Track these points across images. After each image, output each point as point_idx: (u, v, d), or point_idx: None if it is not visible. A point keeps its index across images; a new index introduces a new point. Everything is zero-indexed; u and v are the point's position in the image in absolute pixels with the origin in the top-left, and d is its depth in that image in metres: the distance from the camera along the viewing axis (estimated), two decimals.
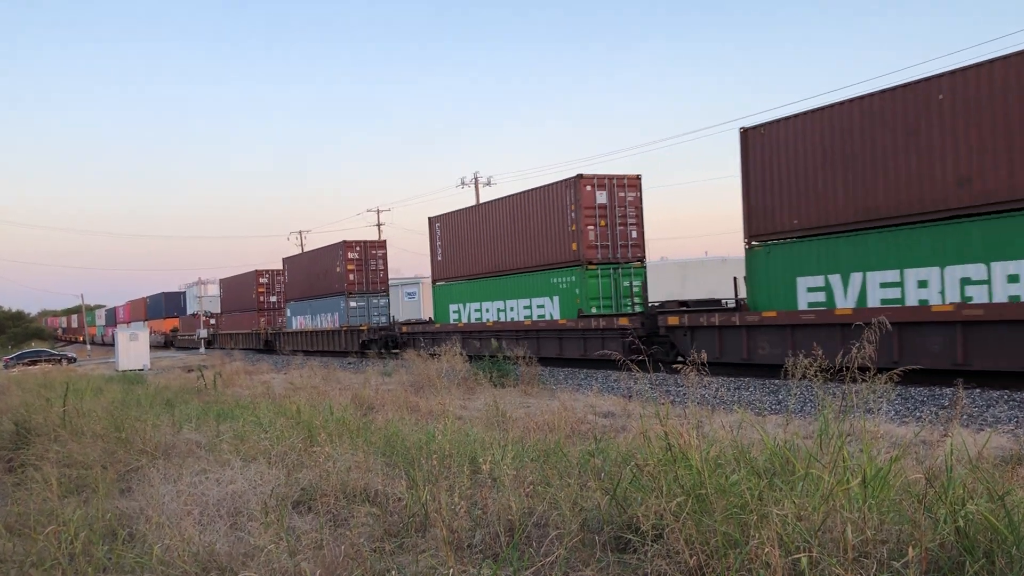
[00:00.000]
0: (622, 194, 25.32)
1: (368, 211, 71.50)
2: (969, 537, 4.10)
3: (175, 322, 75.24)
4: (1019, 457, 7.80)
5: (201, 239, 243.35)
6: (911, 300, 15.45)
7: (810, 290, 17.33)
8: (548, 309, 26.44)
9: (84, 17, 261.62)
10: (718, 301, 22.77)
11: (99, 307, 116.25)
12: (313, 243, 74.77)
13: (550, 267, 26.15)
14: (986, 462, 5.94)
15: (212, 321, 63.49)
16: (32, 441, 11.14)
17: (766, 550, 4.00)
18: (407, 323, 36.98)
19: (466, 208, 31.84)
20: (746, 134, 18.86)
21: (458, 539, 5.54)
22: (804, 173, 17.39)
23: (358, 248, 40.19)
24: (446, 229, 32.42)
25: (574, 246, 24.89)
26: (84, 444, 10.22)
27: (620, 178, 25.24)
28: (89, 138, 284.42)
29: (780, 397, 15.70)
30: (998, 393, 13.89)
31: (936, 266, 15.03)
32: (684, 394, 15.55)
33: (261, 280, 52.47)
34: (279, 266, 50.15)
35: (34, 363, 44.01)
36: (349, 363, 33.39)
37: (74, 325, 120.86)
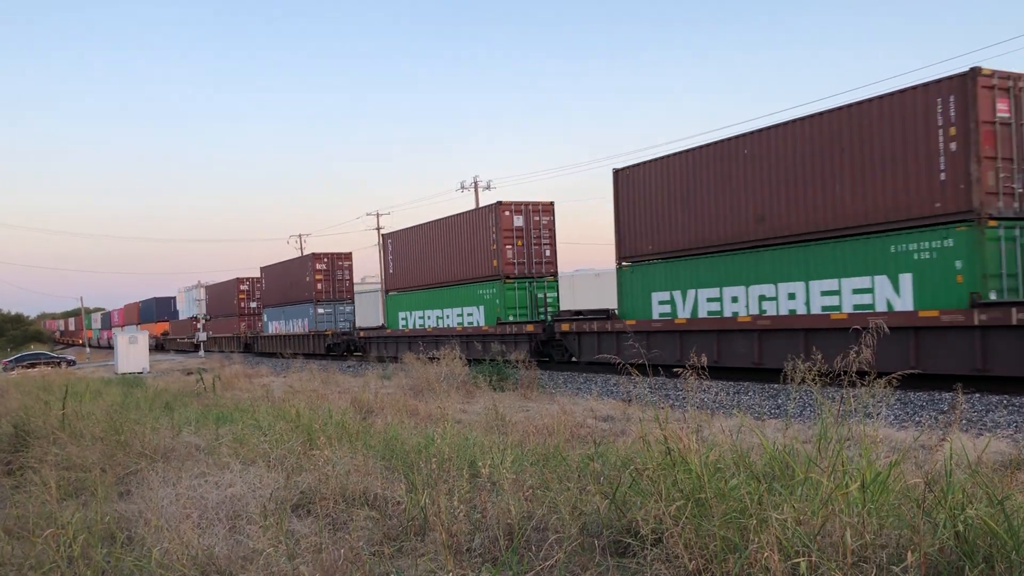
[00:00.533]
0: (537, 218, 29.41)
1: (368, 215, 71.71)
2: (968, 542, 4.10)
3: (165, 326, 78.25)
4: (1018, 462, 7.79)
5: (203, 242, 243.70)
6: (727, 312, 19.47)
7: (660, 303, 21.51)
8: (476, 317, 30.65)
9: (85, 20, 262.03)
10: (607, 311, 25.51)
11: (98, 310, 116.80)
12: (313, 246, 75.55)
13: (477, 280, 30.24)
14: (985, 467, 5.94)
15: (199, 325, 67.17)
16: (31, 444, 11.13)
17: (765, 555, 4.00)
18: (364, 329, 40.93)
19: (412, 227, 35.12)
20: (617, 173, 23.04)
21: (457, 543, 5.53)
22: (656, 208, 21.62)
23: (326, 259, 44.10)
24: (396, 245, 36.47)
25: (495, 263, 29.18)
26: (83, 447, 10.20)
27: (535, 204, 29.52)
28: (91, 141, 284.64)
29: (779, 401, 15.70)
30: (997, 398, 13.91)
31: (743, 285, 19.13)
32: (683, 398, 15.55)
33: (242, 287, 56.64)
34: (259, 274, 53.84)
35: (33, 366, 43.96)
36: (348, 367, 33.47)
37: (72, 328, 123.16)
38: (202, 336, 63.77)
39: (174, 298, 78.04)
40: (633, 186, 22.33)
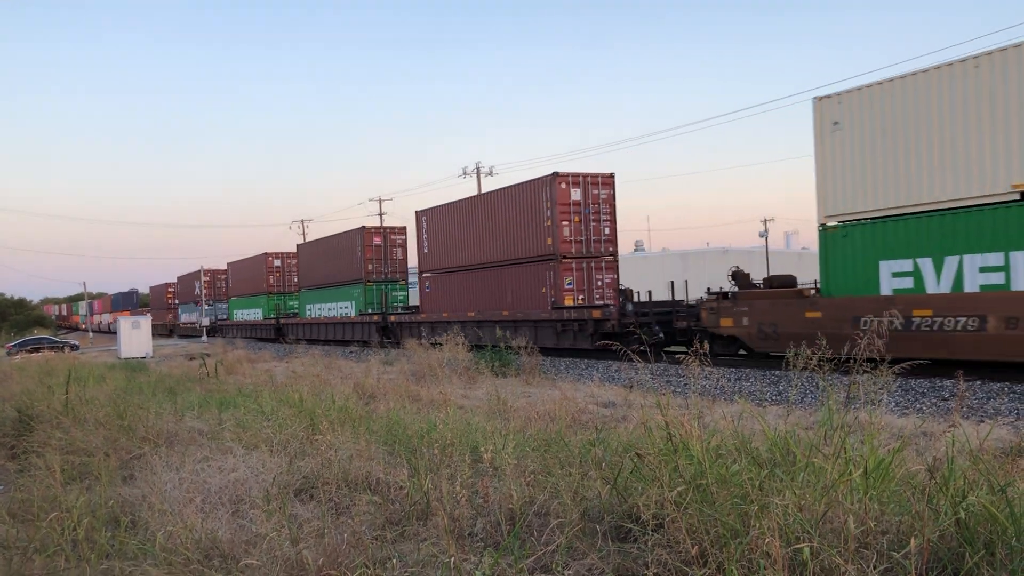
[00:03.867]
0: (394, 237, 40.35)
1: (371, 200, 72.69)
2: (969, 528, 4.10)
3: (126, 313, 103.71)
4: (1020, 449, 7.81)
5: (208, 228, 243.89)
6: (320, 315, 44.43)
7: (316, 308, 45.04)
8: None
9: (87, 6, 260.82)
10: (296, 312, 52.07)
11: (101, 295, 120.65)
12: (315, 232, 79.25)
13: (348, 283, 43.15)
14: (987, 454, 5.94)
15: (149, 315, 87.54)
16: (35, 428, 11.16)
17: (767, 540, 4.01)
18: (221, 320, 64.47)
19: (307, 243, 50.89)
20: (300, 247, 49.34)
21: (459, 528, 5.55)
22: (314, 262, 45.92)
23: (209, 275, 69.84)
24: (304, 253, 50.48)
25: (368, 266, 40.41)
26: (87, 431, 10.24)
27: (393, 229, 40.92)
28: (94, 127, 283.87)
29: (781, 388, 15.71)
30: (999, 385, 13.91)
31: (323, 303, 44.35)
32: (685, 384, 15.56)
33: (169, 290, 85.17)
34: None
35: (36, 350, 44.00)
36: (351, 352, 33.50)
37: (64, 313, 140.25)
38: (204, 321, 64.33)
39: (135, 292, 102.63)
40: (307, 253, 47.54)
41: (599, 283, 26.10)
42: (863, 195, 16.90)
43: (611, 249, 26.55)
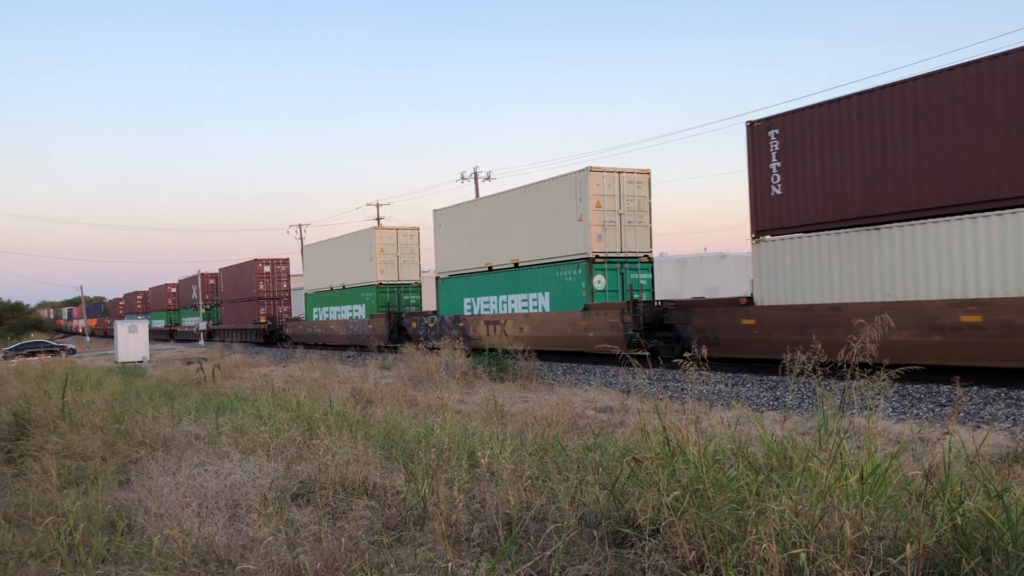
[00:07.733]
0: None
1: (368, 205, 73.14)
2: (966, 534, 4.11)
3: (94, 321, 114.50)
4: (1016, 455, 7.81)
5: (207, 232, 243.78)
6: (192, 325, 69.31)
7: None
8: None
9: (84, 12, 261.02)
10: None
11: (99, 299, 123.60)
12: (312, 236, 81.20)
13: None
14: (983, 459, 5.95)
15: (95, 322, 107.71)
16: (31, 432, 11.14)
17: (764, 546, 4.01)
18: (178, 325, 78.49)
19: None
20: (187, 280, 72.75)
21: (456, 532, 5.55)
22: (184, 290, 73.81)
23: (124, 300, 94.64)
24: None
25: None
26: (83, 435, 10.22)
27: (215, 275, 66.83)
28: (92, 131, 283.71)
29: (778, 393, 15.71)
30: (995, 391, 13.91)
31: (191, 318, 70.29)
32: (682, 390, 15.57)
33: (120, 303, 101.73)
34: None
35: (33, 354, 43.87)
36: (348, 356, 33.49)
37: (52, 316, 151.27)
38: (202, 325, 64.12)
39: (103, 302, 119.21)
40: (194, 282, 67.40)
41: (281, 311, 51.96)
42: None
43: (288, 293, 52.77)
